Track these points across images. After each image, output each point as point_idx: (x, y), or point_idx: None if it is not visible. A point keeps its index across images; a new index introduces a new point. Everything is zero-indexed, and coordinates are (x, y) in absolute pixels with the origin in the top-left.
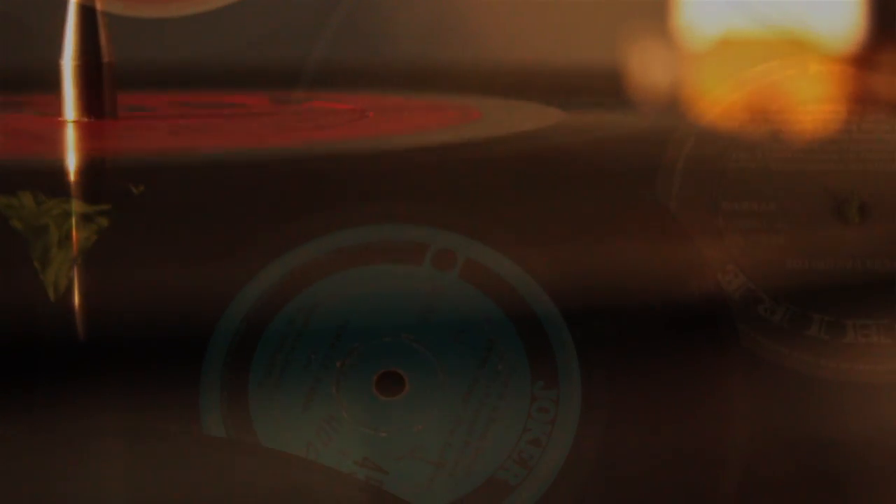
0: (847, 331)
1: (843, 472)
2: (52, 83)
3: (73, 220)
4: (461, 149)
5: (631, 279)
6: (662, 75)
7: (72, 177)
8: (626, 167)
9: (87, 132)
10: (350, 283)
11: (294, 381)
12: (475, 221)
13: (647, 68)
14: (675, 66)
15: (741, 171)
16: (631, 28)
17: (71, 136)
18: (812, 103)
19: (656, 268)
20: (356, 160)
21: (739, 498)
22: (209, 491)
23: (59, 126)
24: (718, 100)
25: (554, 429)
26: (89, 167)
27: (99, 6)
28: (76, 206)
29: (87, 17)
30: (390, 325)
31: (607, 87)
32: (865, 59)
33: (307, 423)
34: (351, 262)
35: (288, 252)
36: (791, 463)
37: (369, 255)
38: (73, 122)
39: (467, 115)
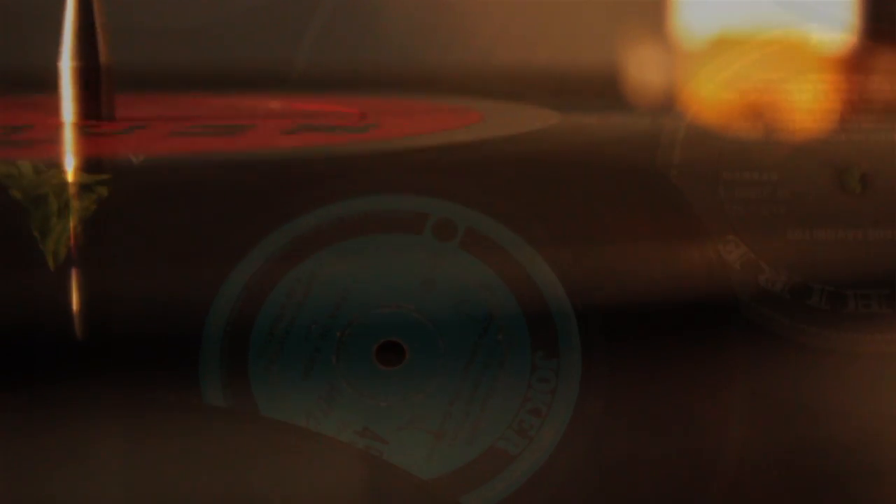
0: (848, 301)
1: (843, 443)
2: (51, 85)
3: (73, 190)
4: (462, 151)
5: (631, 251)
6: (660, 75)
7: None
8: (624, 163)
9: (85, 133)
10: (350, 253)
11: (294, 352)
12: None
13: (645, 69)
14: (673, 66)
15: (742, 141)
16: (628, 29)
17: (68, 138)
18: (813, 74)
19: (657, 239)
20: (354, 163)
21: (738, 468)
22: (209, 461)
23: (56, 127)
24: (718, 73)
25: (554, 399)
26: (86, 154)
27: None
28: (75, 175)
29: (85, 18)
30: (390, 295)
31: (604, 89)
32: (866, 47)
33: (307, 393)
34: (351, 232)
35: (288, 222)
36: (790, 432)
37: (369, 224)
38: (71, 123)
39: (467, 117)
